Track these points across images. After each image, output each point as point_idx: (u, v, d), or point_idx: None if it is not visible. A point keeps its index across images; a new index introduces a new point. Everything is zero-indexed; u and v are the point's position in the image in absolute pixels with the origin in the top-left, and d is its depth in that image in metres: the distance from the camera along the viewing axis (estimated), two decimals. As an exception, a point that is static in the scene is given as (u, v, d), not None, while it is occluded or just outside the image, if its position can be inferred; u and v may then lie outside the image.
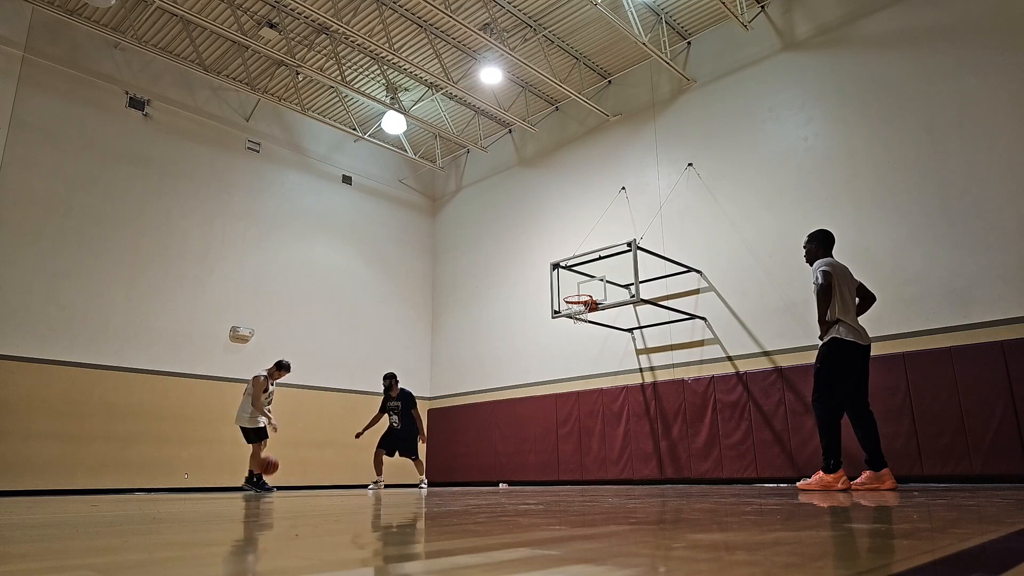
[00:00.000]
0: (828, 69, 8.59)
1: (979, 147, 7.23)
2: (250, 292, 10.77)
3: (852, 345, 5.17)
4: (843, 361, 5.19)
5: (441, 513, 3.06)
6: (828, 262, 5.36)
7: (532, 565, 1.23)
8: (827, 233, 5.66)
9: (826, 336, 5.25)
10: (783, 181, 8.72)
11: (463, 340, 12.54)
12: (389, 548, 1.68)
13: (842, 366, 5.19)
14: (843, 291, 5.27)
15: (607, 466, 9.61)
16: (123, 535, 2.06)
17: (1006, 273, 6.85)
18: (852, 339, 5.17)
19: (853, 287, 5.41)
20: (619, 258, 8.75)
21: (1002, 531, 1.76)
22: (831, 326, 5.22)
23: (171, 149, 10.33)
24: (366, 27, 9.82)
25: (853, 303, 5.35)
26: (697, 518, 2.40)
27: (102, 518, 2.90)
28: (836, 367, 5.20)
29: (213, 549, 1.68)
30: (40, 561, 1.40)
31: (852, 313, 5.29)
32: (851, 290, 5.36)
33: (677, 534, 1.83)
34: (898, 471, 6.99)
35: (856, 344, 5.18)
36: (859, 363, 5.22)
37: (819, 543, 1.59)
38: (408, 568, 1.26)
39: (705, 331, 9.12)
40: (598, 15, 8.99)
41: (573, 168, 11.42)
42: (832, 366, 5.21)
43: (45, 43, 9.32)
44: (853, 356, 5.19)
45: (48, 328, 8.70)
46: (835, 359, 5.20)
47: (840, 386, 5.20)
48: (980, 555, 1.33)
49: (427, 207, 13.90)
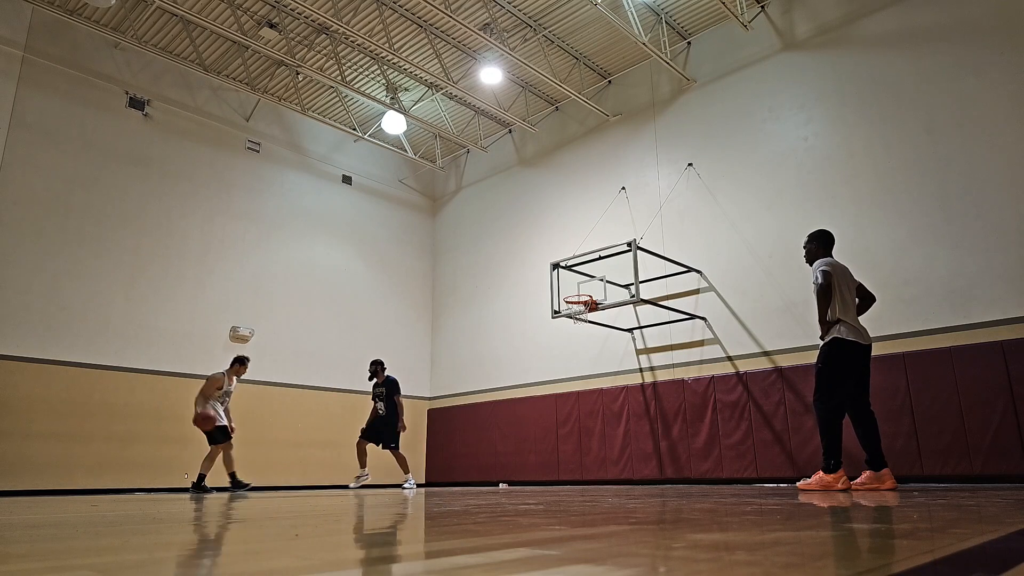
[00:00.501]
0: (828, 69, 8.59)
1: (979, 147, 7.23)
2: (250, 292, 10.77)
3: (854, 345, 5.18)
4: (844, 361, 5.20)
5: (441, 513, 3.06)
6: (828, 262, 5.37)
7: (532, 565, 1.23)
8: (827, 233, 5.67)
9: (827, 336, 5.25)
10: (783, 181, 8.72)
11: (463, 340, 12.54)
12: (389, 548, 1.68)
13: (843, 366, 5.20)
14: (843, 291, 5.28)
15: (607, 466, 9.61)
16: (123, 535, 2.06)
17: (1006, 273, 6.84)
18: (853, 339, 5.18)
19: (853, 287, 5.42)
20: (619, 258, 8.75)
21: (1002, 531, 1.76)
22: (832, 326, 5.23)
23: (171, 149, 10.33)
24: (366, 27, 9.82)
25: (853, 303, 5.36)
26: (697, 518, 2.40)
27: (102, 518, 2.90)
28: (837, 367, 5.21)
29: (213, 549, 1.68)
30: (40, 561, 1.39)
31: (852, 313, 5.30)
32: (851, 290, 5.37)
33: (677, 534, 1.83)
34: (898, 471, 6.99)
35: (857, 344, 5.19)
36: (860, 363, 5.23)
37: (819, 543, 1.59)
38: (408, 568, 1.26)
39: (705, 331, 9.12)
40: (598, 15, 8.99)
41: (573, 168, 11.42)
42: (833, 366, 5.22)
43: (45, 43, 9.32)
44: (854, 356, 5.19)
45: (48, 328, 8.70)
46: (836, 359, 5.21)
47: (841, 386, 5.21)
48: (980, 555, 1.33)
49: (427, 207, 13.90)
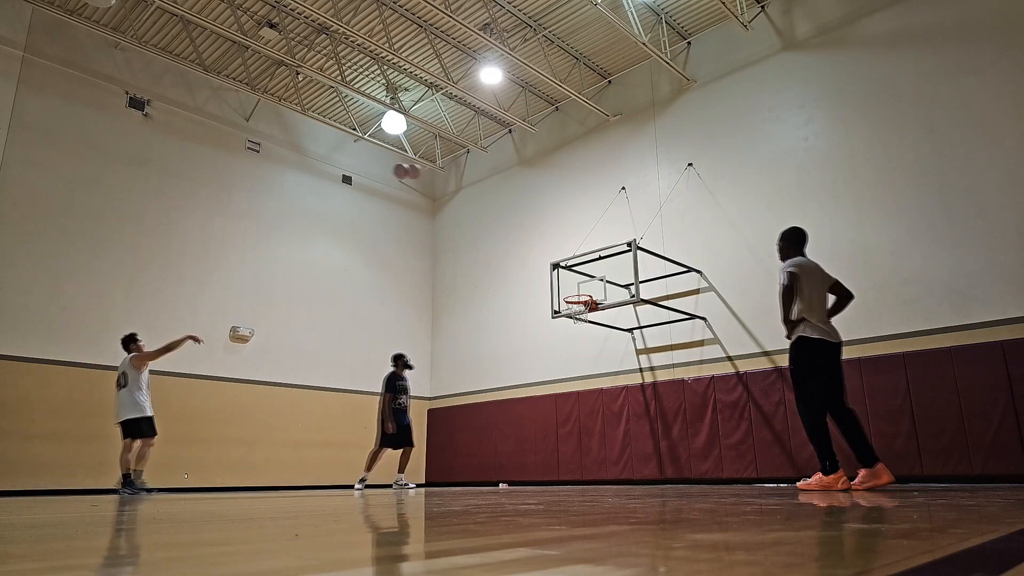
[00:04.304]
0: (828, 69, 8.59)
1: (979, 147, 7.23)
2: (250, 292, 10.77)
3: (819, 342, 5.14)
4: (812, 358, 5.16)
5: (441, 513, 3.06)
6: (795, 262, 5.32)
7: (532, 565, 1.23)
8: (799, 231, 5.56)
9: (792, 336, 5.26)
10: (783, 181, 8.72)
11: (463, 340, 12.54)
12: (389, 548, 1.68)
13: (813, 363, 5.17)
14: (809, 291, 5.22)
15: (607, 466, 9.61)
16: (123, 535, 2.06)
17: (1006, 273, 6.84)
18: (819, 336, 5.13)
19: (824, 286, 5.34)
20: (619, 258, 8.75)
21: (1002, 531, 1.76)
22: (796, 325, 5.22)
23: (171, 149, 10.33)
24: (366, 27, 9.82)
25: (821, 303, 5.28)
26: (697, 518, 2.40)
27: (102, 518, 2.90)
28: (806, 365, 5.19)
29: (213, 549, 1.68)
30: (40, 561, 1.39)
31: (818, 313, 5.23)
32: (820, 290, 5.31)
33: (677, 534, 1.83)
34: (898, 471, 6.99)
35: (824, 341, 5.15)
36: (831, 361, 5.18)
37: (819, 543, 1.59)
38: (408, 568, 1.26)
39: (705, 331, 9.12)
40: (598, 15, 8.99)
41: (573, 168, 11.42)
42: (802, 365, 5.21)
43: (45, 43, 9.31)
44: (823, 353, 5.15)
45: (48, 328, 8.70)
46: (804, 357, 5.20)
47: (815, 384, 5.17)
48: (980, 555, 1.33)
49: (427, 207, 13.90)
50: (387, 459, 9.20)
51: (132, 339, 7.77)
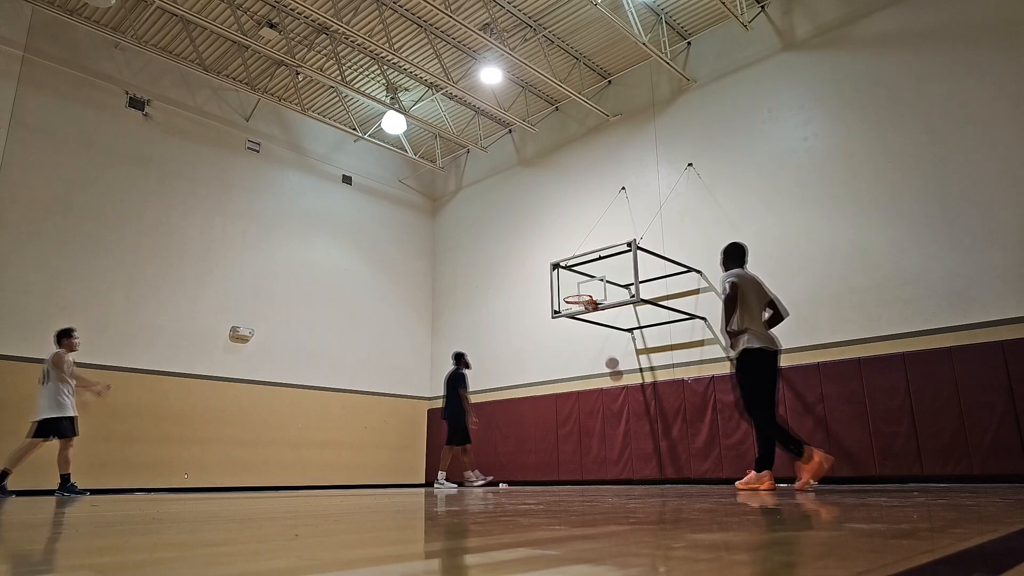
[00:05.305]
0: (828, 69, 8.59)
1: (979, 147, 7.23)
2: (250, 292, 10.77)
3: (762, 351, 5.42)
4: (758, 367, 5.43)
5: (441, 513, 3.06)
6: (736, 273, 5.67)
7: (532, 565, 1.23)
8: (738, 246, 5.97)
9: (738, 347, 5.50)
10: (783, 181, 8.72)
11: (463, 340, 12.53)
12: (388, 548, 1.68)
13: (759, 372, 5.43)
14: (750, 301, 5.55)
15: (607, 466, 9.61)
16: (123, 535, 2.06)
17: (1006, 273, 6.85)
18: (761, 345, 5.42)
19: (763, 299, 5.67)
20: (619, 258, 8.75)
21: (1002, 531, 1.76)
22: (740, 336, 5.47)
23: (171, 149, 10.32)
24: (366, 27, 9.82)
25: (760, 313, 5.62)
26: (697, 518, 2.40)
27: (102, 518, 2.90)
28: (754, 373, 5.44)
29: (213, 549, 1.68)
30: (40, 561, 1.39)
31: (758, 322, 5.56)
32: (760, 301, 5.64)
33: (677, 534, 1.83)
34: (898, 471, 7.01)
35: (765, 349, 5.43)
36: (772, 367, 5.49)
37: (819, 543, 1.59)
38: (408, 568, 1.26)
39: (705, 331, 9.12)
40: (598, 15, 8.99)
41: (573, 168, 11.42)
42: (751, 373, 5.45)
43: (45, 43, 9.31)
44: (766, 361, 5.45)
45: (48, 328, 8.68)
46: (750, 367, 5.45)
47: (763, 391, 5.43)
48: (980, 555, 1.33)
49: (427, 207, 13.90)
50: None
51: (65, 334, 7.39)
